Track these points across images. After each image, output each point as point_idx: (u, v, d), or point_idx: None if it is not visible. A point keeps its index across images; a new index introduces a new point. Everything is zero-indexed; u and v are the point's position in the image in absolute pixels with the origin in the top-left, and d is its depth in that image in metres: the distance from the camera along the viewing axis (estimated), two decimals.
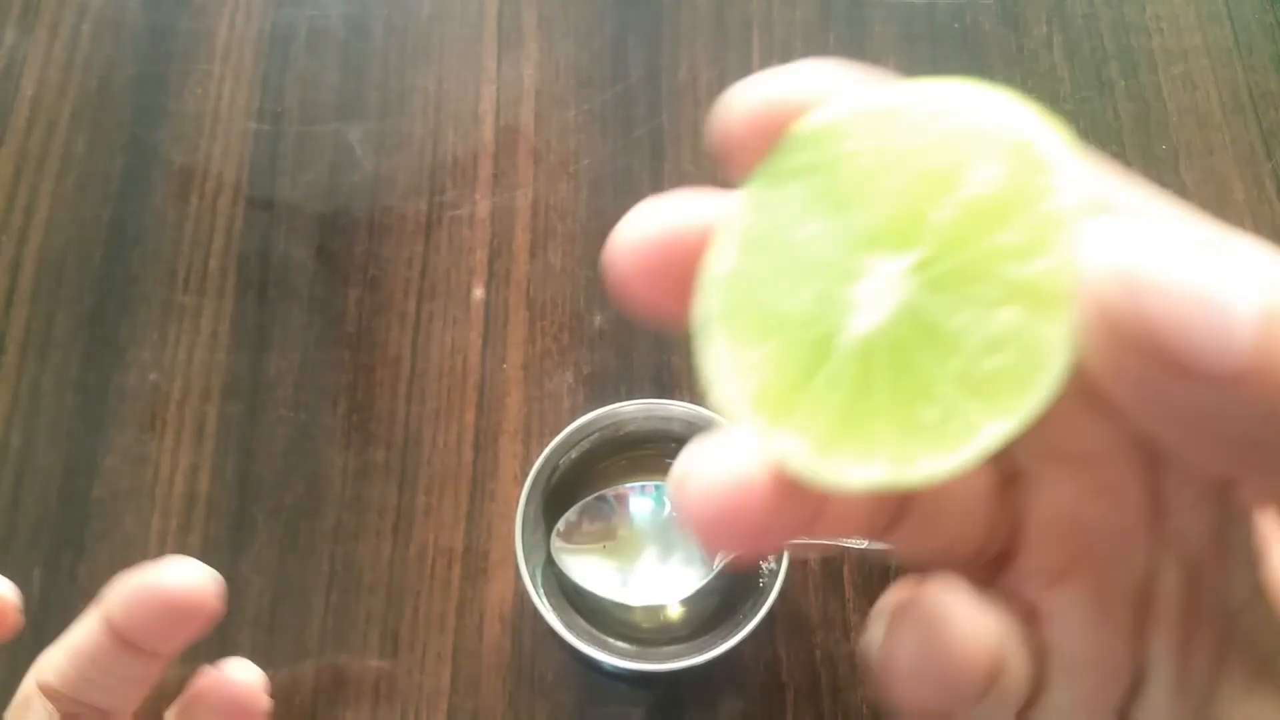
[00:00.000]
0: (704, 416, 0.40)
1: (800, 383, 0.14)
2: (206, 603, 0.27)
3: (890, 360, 0.13)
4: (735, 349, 0.14)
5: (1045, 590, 0.17)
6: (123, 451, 0.44)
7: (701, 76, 0.52)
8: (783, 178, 0.14)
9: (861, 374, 0.13)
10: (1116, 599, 0.17)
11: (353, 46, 0.52)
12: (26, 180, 0.49)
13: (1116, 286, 0.11)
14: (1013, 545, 0.18)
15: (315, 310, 0.47)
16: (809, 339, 0.14)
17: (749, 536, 0.14)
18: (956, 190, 0.13)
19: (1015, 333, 0.12)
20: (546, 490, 0.41)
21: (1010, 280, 0.12)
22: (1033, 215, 0.12)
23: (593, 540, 0.41)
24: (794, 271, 0.14)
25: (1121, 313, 0.11)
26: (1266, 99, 0.51)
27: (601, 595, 0.39)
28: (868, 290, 0.13)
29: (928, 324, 0.13)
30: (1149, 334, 0.11)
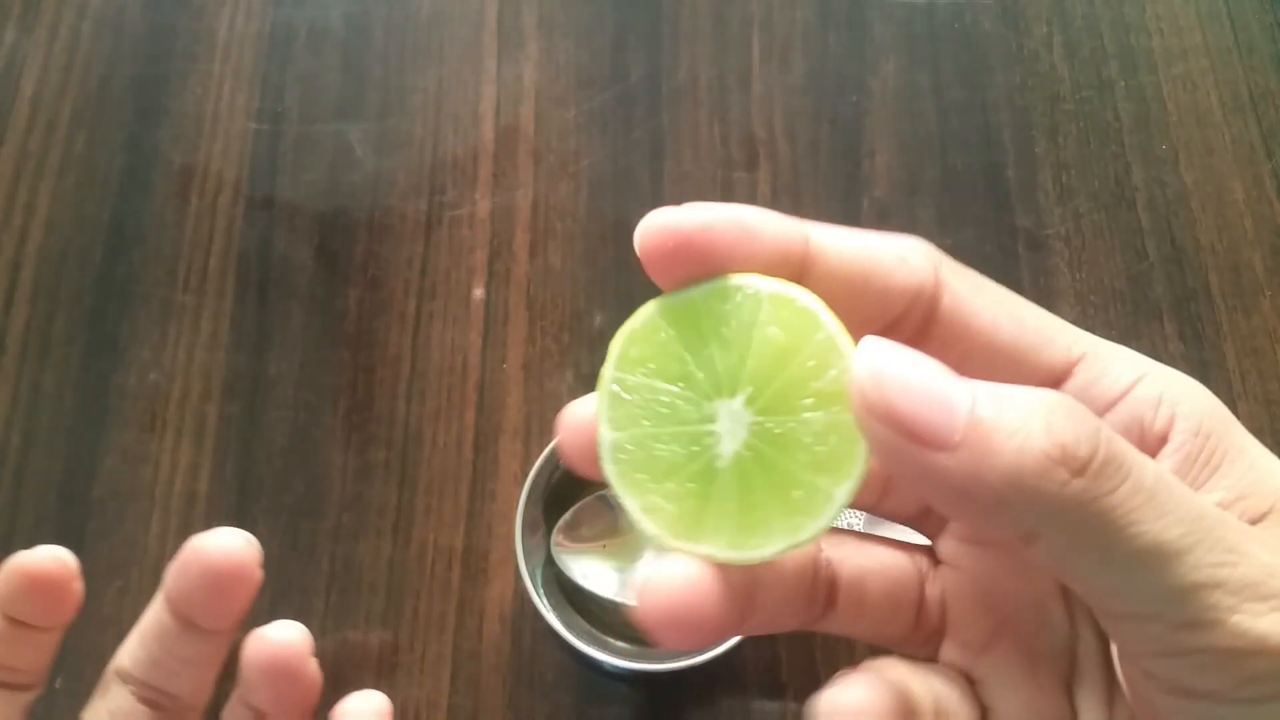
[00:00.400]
0: None
1: (700, 505, 0.18)
2: (245, 567, 0.28)
3: (757, 468, 0.18)
4: (644, 498, 0.19)
5: (976, 659, 0.20)
6: (123, 451, 0.44)
7: (701, 76, 0.52)
8: (679, 319, 0.20)
9: (741, 484, 0.18)
10: (1042, 662, 0.20)
11: (353, 46, 0.52)
12: (26, 180, 0.49)
13: (870, 381, 0.16)
14: (944, 623, 0.21)
15: (315, 310, 0.47)
16: (694, 473, 0.18)
17: (702, 628, 0.18)
18: (760, 343, 0.18)
19: (830, 424, 0.17)
20: (546, 490, 0.41)
21: (814, 391, 0.18)
22: (814, 347, 0.18)
23: (593, 540, 0.41)
24: (665, 426, 0.19)
25: (873, 398, 0.16)
26: (1266, 99, 0.51)
27: (601, 595, 0.39)
28: (721, 428, 0.18)
29: (772, 436, 0.18)
30: (891, 412, 0.16)
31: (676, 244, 0.19)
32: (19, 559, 0.29)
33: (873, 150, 0.50)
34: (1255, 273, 0.48)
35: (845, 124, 0.51)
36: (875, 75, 0.52)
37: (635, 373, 0.19)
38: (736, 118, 0.51)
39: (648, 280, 0.51)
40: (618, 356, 0.19)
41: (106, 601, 0.42)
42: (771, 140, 0.50)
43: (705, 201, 0.20)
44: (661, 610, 0.18)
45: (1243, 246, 0.49)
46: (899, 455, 0.16)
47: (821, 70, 0.52)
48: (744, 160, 0.50)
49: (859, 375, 0.16)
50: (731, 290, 0.19)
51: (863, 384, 0.16)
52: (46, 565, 0.29)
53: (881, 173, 0.50)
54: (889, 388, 0.16)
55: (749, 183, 0.50)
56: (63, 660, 0.42)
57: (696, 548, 0.18)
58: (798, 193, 0.49)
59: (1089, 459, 0.15)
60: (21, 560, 0.29)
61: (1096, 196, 0.49)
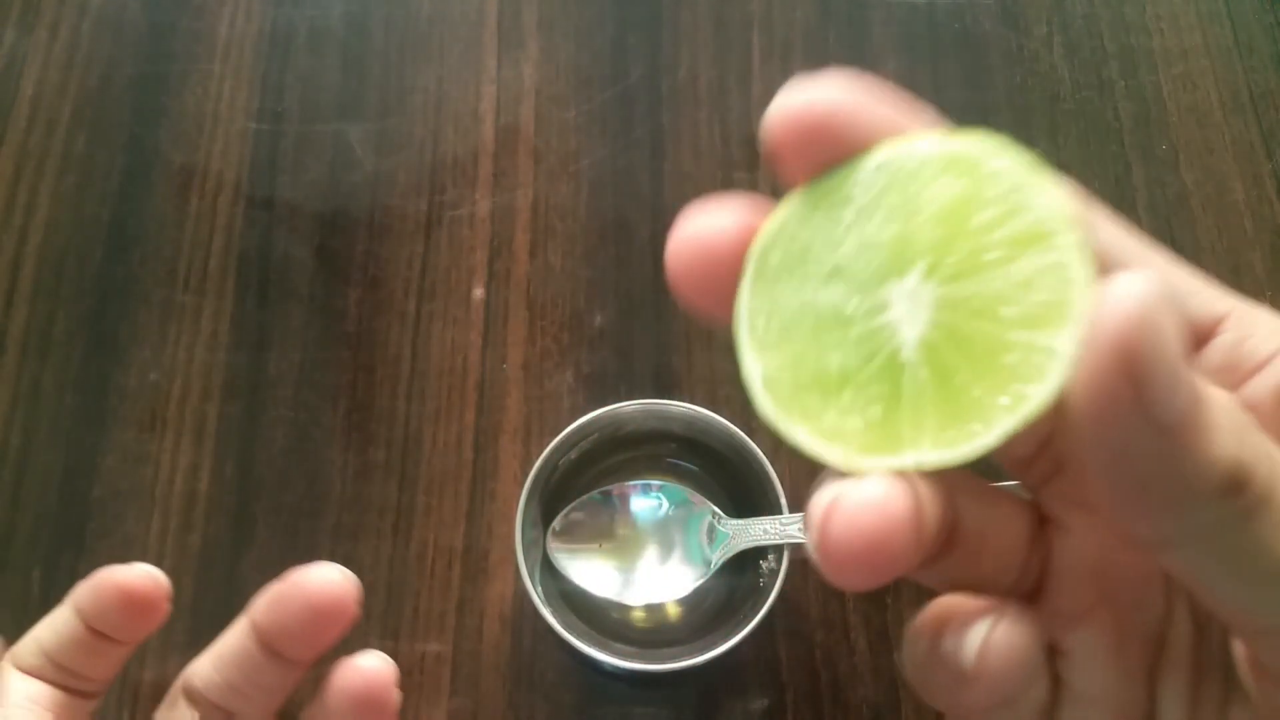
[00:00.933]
0: (703, 416, 0.40)
1: (890, 409, 0.16)
2: (345, 603, 0.29)
3: (953, 346, 0.15)
4: (816, 422, 0.16)
5: (1066, 629, 0.19)
6: (123, 451, 0.44)
7: (701, 76, 0.52)
8: (817, 212, 0.17)
9: (937, 371, 0.16)
10: (1133, 642, 0.19)
11: (353, 46, 0.52)
12: (26, 180, 0.49)
13: (1136, 316, 0.13)
14: (1040, 586, 0.19)
15: (315, 310, 0.47)
16: (873, 374, 0.16)
17: (896, 559, 0.16)
18: (928, 207, 0.16)
19: (1036, 270, 0.15)
20: (546, 490, 0.41)
21: (1005, 240, 0.15)
22: (995, 193, 0.15)
23: (590, 540, 0.41)
24: (828, 332, 0.16)
25: (1130, 338, 0.13)
26: (1266, 99, 0.51)
27: (598, 595, 0.39)
28: (897, 313, 0.16)
29: (964, 303, 0.15)
30: (1133, 365, 0.13)
31: (815, 123, 0.17)
32: (112, 573, 0.30)
33: None
34: (1255, 273, 0.48)
35: None
36: (875, 75, 0.52)
37: (779, 282, 0.17)
38: (736, 118, 0.51)
39: (648, 280, 0.51)
40: (755, 267, 0.17)
41: None
42: None
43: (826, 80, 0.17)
44: (850, 540, 0.15)
45: (1243, 246, 0.49)
46: (1110, 412, 0.14)
47: (821, 70, 0.52)
48: (744, 160, 0.50)
49: (1124, 300, 0.13)
50: (878, 163, 0.16)
51: (1127, 315, 0.13)
52: (140, 582, 0.30)
53: None
54: (1151, 334, 0.13)
55: (749, 183, 0.50)
56: None
57: (899, 459, 0.15)
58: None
59: (1262, 479, 0.14)
60: (115, 575, 0.30)
61: (1096, 196, 0.49)
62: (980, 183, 0.16)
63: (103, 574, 0.30)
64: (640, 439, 0.43)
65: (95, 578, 0.30)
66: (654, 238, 0.48)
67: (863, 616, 0.42)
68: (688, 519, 0.41)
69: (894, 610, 0.42)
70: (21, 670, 0.31)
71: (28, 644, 0.31)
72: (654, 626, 0.41)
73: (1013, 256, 0.15)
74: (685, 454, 0.43)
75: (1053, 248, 0.15)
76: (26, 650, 0.31)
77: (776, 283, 0.17)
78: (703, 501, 0.41)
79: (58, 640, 0.31)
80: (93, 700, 0.32)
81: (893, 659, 0.41)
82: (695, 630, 0.40)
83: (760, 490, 0.40)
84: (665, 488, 0.41)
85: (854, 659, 0.41)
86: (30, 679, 0.31)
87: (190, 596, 0.42)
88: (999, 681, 0.17)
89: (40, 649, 0.31)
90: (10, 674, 0.31)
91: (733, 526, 0.40)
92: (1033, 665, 0.17)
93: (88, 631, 0.31)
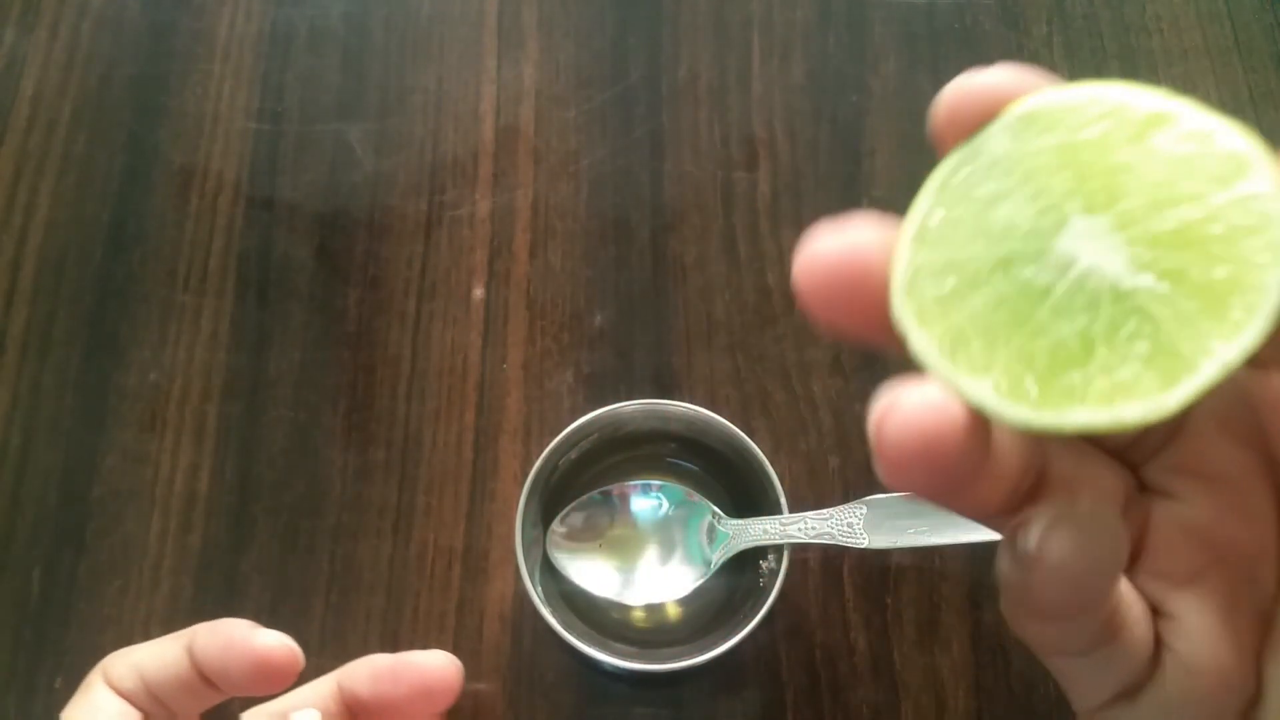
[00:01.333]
0: (703, 417, 0.40)
1: (1155, 335, 0.15)
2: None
3: (1166, 251, 0.15)
4: (1087, 396, 0.15)
5: (1172, 591, 0.18)
6: (123, 451, 0.44)
7: (701, 76, 0.52)
8: (982, 152, 0.16)
9: (1167, 275, 0.14)
10: (1240, 615, 0.18)
11: (353, 46, 0.52)
12: (26, 180, 0.49)
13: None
14: (1139, 550, 0.19)
15: (315, 310, 0.47)
16: (1111, 318, 0.15)
17: (952, 480, 0.15)
18: (1136, 161, 0.15)
19: (1233, 203, 0.14)
20: (546, 490, 0.41)
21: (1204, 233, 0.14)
22: (1207, 162, 0.15)
23: (590, 540, 0.41)
24: (1027, 304, 0.15)
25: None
26: (1266, 99, 0.51)
27: (598, 595, 0.39)
28: (1089, 258, 0.15)
29: (1154, 229, 0.15)
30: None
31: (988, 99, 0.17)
32: (250, 638, 0.30)
33: (873, 150, 0.50)
34: None
35: (845, 124, 0.51)
36: (875, 75, 0.52)
37: (951, 298, 0.16)
38: (736, 118, 0.51)
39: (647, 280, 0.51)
40: (908, 288, 0.16)
41: (107, 601, 0.42)
42: (771, 140, 0.50)
43: None
44: (906, 437, 0.15)
45: None
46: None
47: (821, 70, 0.52)
48: (744, 160, 0.50)
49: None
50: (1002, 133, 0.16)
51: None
52: (280, 654, 0.30)
53: (881, 172, 0.50)
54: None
55: (749, 182, 0.50)
56: (62, 660, 0.42)
57: (1201, 375, 0.14)
58: (798, 192, 0.49)
59: None
60: (254, 642, 0.30)
61: None
62: (1067, 118, 0.15)
63: (238, 633, 0.30)
64: (640, 439, 0.43)
65: (228, 634, 0.30)
66: (654, 238, 0.48)
67: (863, 616, 0.42)
68: (688, 519, 0.41)
69: (894, 610, 0.42)
70: (113, 689, 0.31)
71: (127, 665, 0.31)
72: (654, 626, 0.41)
73: (1150, 150, 0.15)
74: (685, 454, 0.43)
75: (1177, 120, 0.15)
76: (124, 670, 0.31)
77: (944, 303, 0.16)
78: (703, 501, 0.41)
79: (161, 674, 0.30)
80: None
81: (893, 659, 0.41)
82: (695, 630, 0.40)
83: (760, 490, 0.40)
84: (665, 488, 0.41)
85: (854, 659, 0.41)
86: (120, 700, 0.31)
87: (190, 596, 0.42)
88: (1059, 569, 0.16)
89: (139, 675, 0.31)
90: (102, 689, 0.31)
91: (733, 526, 0.40)
92: (1105, 551, 0.16)
93: (197, 676, 0.30)
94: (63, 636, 0.42)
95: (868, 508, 0.39)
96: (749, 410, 0.45)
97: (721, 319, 0.47)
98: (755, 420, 0.45)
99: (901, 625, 0.42)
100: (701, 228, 0.49)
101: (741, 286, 0.47)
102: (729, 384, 0.46)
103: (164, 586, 0.42)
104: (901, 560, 0.43)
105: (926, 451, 0.15)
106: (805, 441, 0.45)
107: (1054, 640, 0.18)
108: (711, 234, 0.48)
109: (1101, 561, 0.16)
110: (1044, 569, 0.16)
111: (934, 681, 0.41)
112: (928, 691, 0.41)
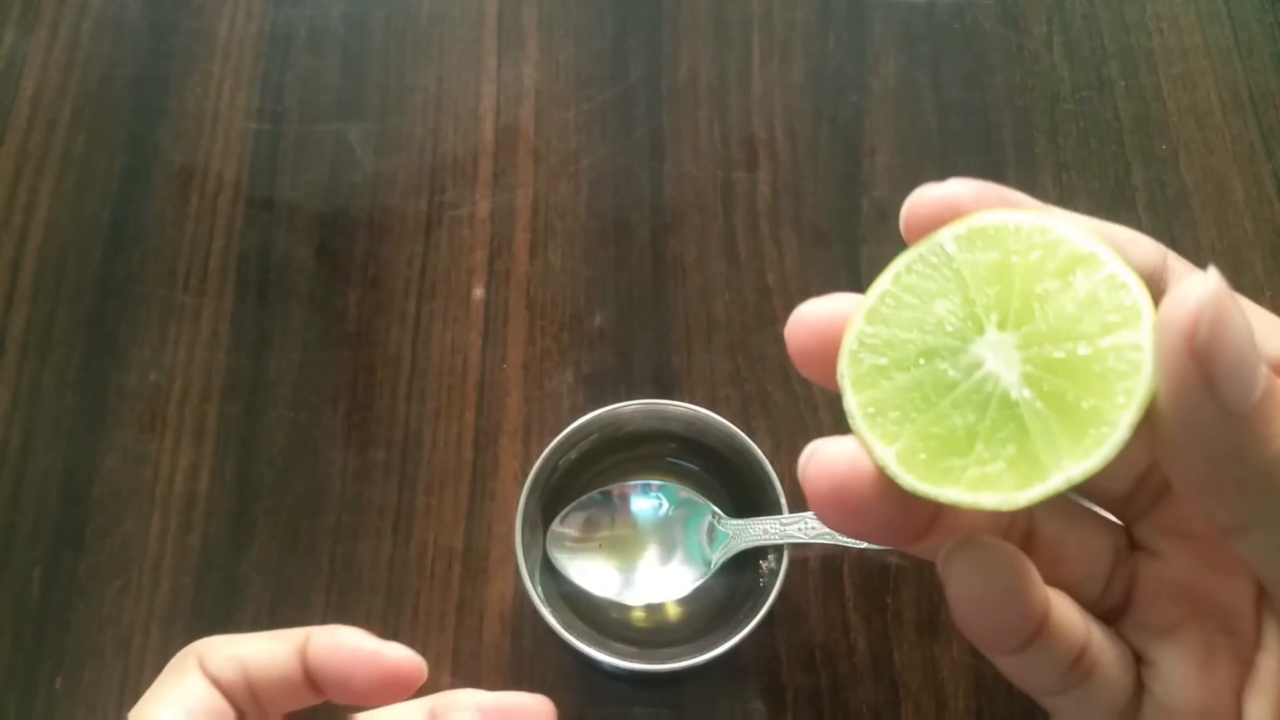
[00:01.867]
0: (703, 416, 0.40)
1: (1024, 443, 0.17)
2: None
3: (1051, 372, 0.17)
4: (961, 479, 0.18)
5: (1153, 641, 0.20)
6: (123, 451, 0.44)
7: (701, 76, 0.52)
8: (936, 251, 0.19)
9: (1046, 396, 0.17)
10: (1220, 661, 0.20)
11: (353, 46, 0.52)
12: (26, 180, 0.49)
13: (1208, 313, 0.15)
14: (1127, 603, 0.21)
15: (315, 310, 0.47)
16: (994, 420, 0.18)
17: (856, 518, 0.18)
18: (1053, 291, 0.18)
19: (1096, 287, 0.17)
20: (546, 490, 0.41)
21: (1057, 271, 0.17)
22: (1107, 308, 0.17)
23: (590, 540, 0.41)
24: (936, 391, 0.18)
25: (1203, 333, 0.15)
26: (1266, 99, 0.51)
27: (597, 595, 0.39)
28: (992, 364, 0.18)
29: (1042, 335, 0.17)
30: (1212, 352, 0.15)
31: (940, 210, 0.19)
32: (380, 651, 0.30)
33: (873, 150, 0.50)
34: (1255, 273, 0.48)
35: (845, 124, 0.51)
36: (875, 75, 0.52)
37: (878, 374, 0.19)
38: (736, 118, 0.51)
39: (647, 280, 0.51)
40: (850, 363, 0.19)
41: (106, 601, 0.42)
42: (771, 140, 0.50)
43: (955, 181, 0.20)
44: (820, 483, 0.18)
45: (1243, 246, 0.49)
46: (1184, 398, 0.15)
47: (821, 70, 0.52)
48: (744, 160, 0.50)
49: (1195, 304, 0.15)
50: (923, 251, 0.19)
51: (1199, 314, 0.15)
52: (409, 669, 0.31)
53: (881, 173, 0.50)
54: (1222, 326, 0.15)
55: (749, 183, 0.50)
56: (62, 660, 0.42)
57: (1050, 483, 0.17)
58: (798, 192, 0.49)
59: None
60: (384, 655, 0.30)
61: (1096, 196, 0.49)
62: (1009, 239, 0.18)
63: (366, 645, 0.31)
64: (640, 439, 0.43)
65: (354, 644, 0.31)
66: (654, 238, 0.48)
67: (863, 616, 0.42)
68: (688, 519, 0.41)
69: (894, 610, 0.42)
70: (210, 678, 0.30)
71: (228, 657, 0.31)
72: (654, 626, 0.41)
73: (1067, 284, 0.17)
74: (685, 454, 0.43)
75: (1098, 265, 0.17)
76: (224, 660, 0.31)
77: (876, 374, 0.19)
78: (703, 501, 0.41)
79: (265, 671, 0.30)
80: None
81: (893, 659, 0.41)
82: (695, 630, 0.40)
83: (760, 490, 0.40)
84: (665, 488, 0.41)
85: (854, 659, 0.41)
86: (214, 691, 0.30)
87: (190, 596, 0.42)
88: (956, 594, 0.19)
89: (241, 668, 0.31)
90: (197, 677, 0.30)
91: (733, 526, 0.40)
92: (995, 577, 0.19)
93: (304, 678, 0.31)
94: (63, 636, 0.42)
95: None
96: (749, 410, 0.45)
97: (721, 319, 0.47)
98: (755, 420, 0.45)
99: (901, 625, 0.42)
100: (701, 228, 0.49)
101: (741, 286, 0.47)
102: (729, 384, 0.46)
103: (164, 586, 0.42)
104: (901, 560, 0.43)
105: (838, 495, 0.18)
106: (805, 441, 0.44)
107: (1021, 676, 0.20)
108: (711, 234, 0.48)
109: (991, 587, 0.19)
110: (948, 593, 0.19)
111: (934, 681, 0.41)
112: (928, 691, 0.41)
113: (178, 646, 0.41)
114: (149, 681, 0.35)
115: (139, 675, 0.41)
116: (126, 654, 0.41)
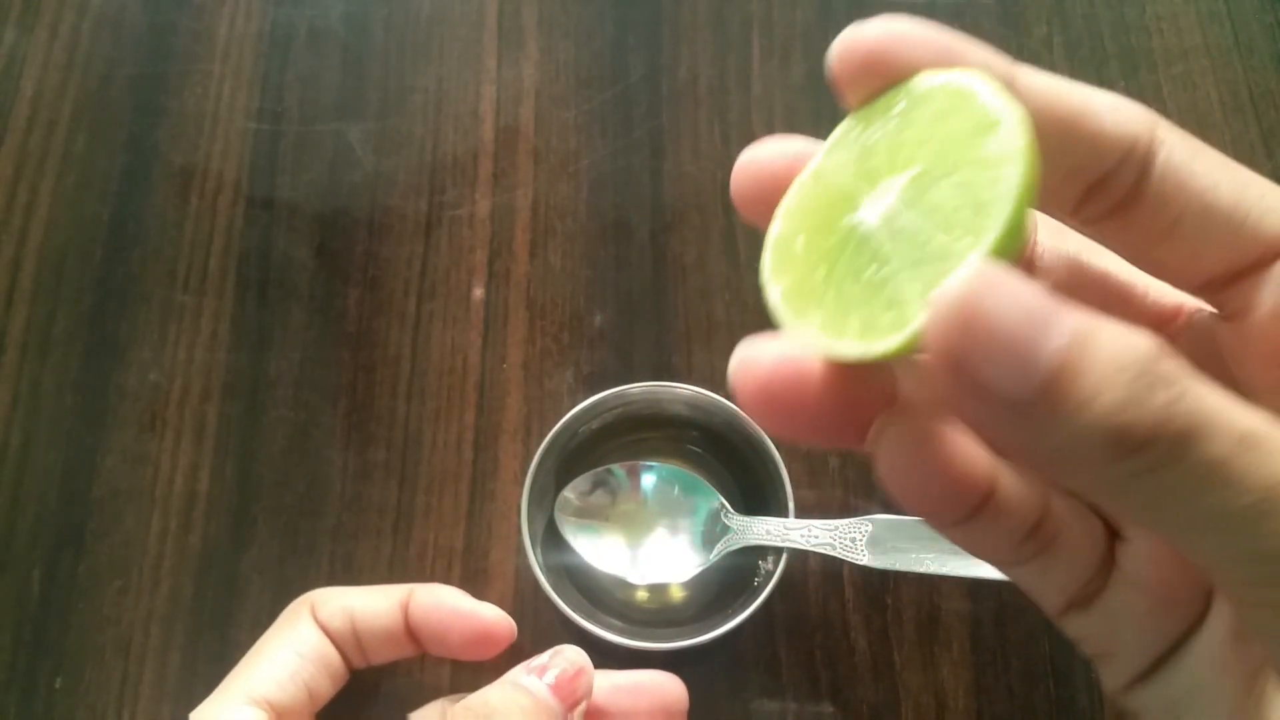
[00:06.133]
0: (730, 410, 0.41)
1: (824, 276, 0.18)
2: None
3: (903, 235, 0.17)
4: (779, 260, 0.19)
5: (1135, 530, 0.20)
6: (123, 451, 0.44)
7: (701, 76, 0.52)
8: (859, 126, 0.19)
9: (866, 257, 0.17)
10: None
11: (353, 46, 0.52)
12: (26, 180, 0.49)
13: (957, 321, 0.13)
14: None
15: (315, 310, 0.47)
16: (831, 243, 0.18)
17: (794, 413, 0.18)
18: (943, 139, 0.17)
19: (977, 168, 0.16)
20: (562, 457, 0.42)
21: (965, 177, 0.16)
22: (980, 152, 0.16)
23: (597, 511, 0.41)
24: (831, 197, 0.18)
25: (952, 344, 0.14)
26: (1266, 99, 0.51)
27: (599, 568, 0.40)
28: (869, 210, 0.17)
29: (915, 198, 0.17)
30: (964, 365, 0.14)
31: (866, 54, 0.18)
32: (478, 611, 0.35)
33: None
34: None
35: None
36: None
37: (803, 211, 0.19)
38: (736, 118, 0.51)
39: (647, 280, 0.51)
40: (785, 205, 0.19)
41: (106, 601, 0.42)
42: None
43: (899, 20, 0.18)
44: (748, 380, 0.19)
45: None
46: (950, 391, 0.14)
47: (821, 70, 0.52)
48: None
49: (948, 306, 0.14)
50: (898, 94, 0.18)
51: (945, 322, 0.14)
52: (502, 628, 0.36)
53: None
54: (970, 337, 0.13)
55: None
56: (62, 660, 0.42)
57: (801, 327, 0.18)
58: None
59: (1172, 434, 0.14)
60: (481, 615, 0.35)
61: None
62: (955, 99, 0.17)
63: (464, 605, 0.35)
64: (663, 421, 0.43)
65: (453, 603, 0.35)
66: (654, 237, 0.48)
67: (863, 616, 0.42)
68: (695, 505, 0.41)
69: (894, 610, 0.42)
70: (321, 625, 0.34)
71: (339, 607, 0.35)
72: (657, 607, 0.42)
73: (949, 129, 0.16)
74: (703, 443, 0.43)
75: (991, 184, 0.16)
76: (334, 610, 0.35)
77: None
78: (712, 491, 0.41)
79: (372, 624, 0.34)
80: None
81: (893, 659, 0.41)
82: (694, 615, 0.41)
83: (771, 490, 0.40)
84: (677, 472, 0.41)
85: (854, 659, 0.41)
86: (325, 638, 0.34)
87: (190, 596, 0.42)
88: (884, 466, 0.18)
89: (350, 620, 0.34)
90: (309, 624, 0.34)
91: (738, 522, 0.40)
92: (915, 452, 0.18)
93: (404, 630, 0.34)
94: (63, 636, 0.42)
95: (873, 525, 0.39)
96: None
97: (721, 319, 0.47)
98: None
99: (901, 625, 0.42)
100: (701, 228, 0.49)
101: (741, 286, 0.47)
102: (729, 384, 0.46)
103: (164, 586, 0.42)
104: None
105: (765, 392, 0.18)
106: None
107: (972, 548, 0.19)
108: (711, 234, 0.48)
109: (919, 461, 0.18)
110: (879, 470, 0.18)
111: (934, 681, 0.41)
112: (928, 691, 0.41)
113: (178, 646, 0.41)
114: (149, 681, 0.36)
115: (139, 675, 0.41)
116: (126, 654, 0.41)
